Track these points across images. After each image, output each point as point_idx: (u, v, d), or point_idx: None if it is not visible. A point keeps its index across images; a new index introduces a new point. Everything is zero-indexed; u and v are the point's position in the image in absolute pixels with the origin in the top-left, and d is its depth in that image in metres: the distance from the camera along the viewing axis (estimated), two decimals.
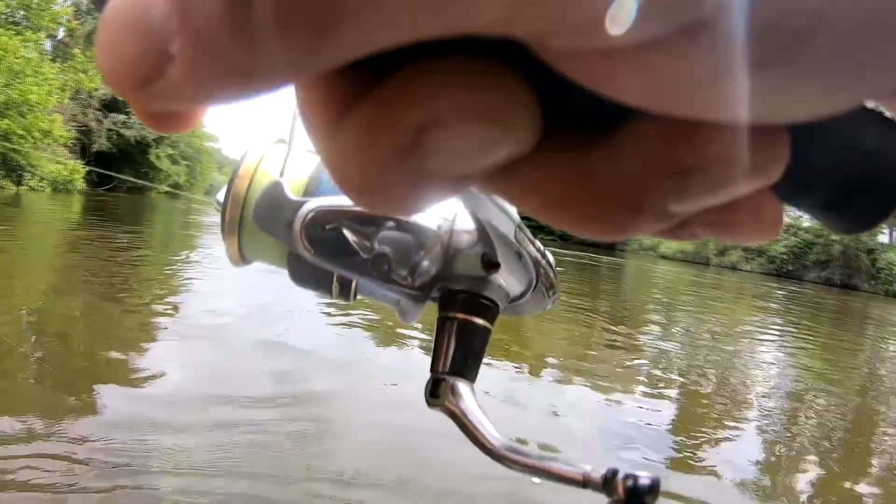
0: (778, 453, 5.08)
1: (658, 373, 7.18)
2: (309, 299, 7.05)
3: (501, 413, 4.79)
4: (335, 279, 0.61)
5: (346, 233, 0.54)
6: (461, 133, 0.16)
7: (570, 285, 16.30)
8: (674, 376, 7.14)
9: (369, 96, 0.16)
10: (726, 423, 5.66)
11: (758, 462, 4.78)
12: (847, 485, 4.57)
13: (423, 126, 0.15)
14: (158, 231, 18.97)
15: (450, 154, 0.17)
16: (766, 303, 20.46)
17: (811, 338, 13.11)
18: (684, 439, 4.93)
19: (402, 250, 0.55)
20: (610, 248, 56.47)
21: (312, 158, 0.61)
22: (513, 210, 0.53)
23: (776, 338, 12.30)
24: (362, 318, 7.01)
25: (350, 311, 7.03)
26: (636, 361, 7.75)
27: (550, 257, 0.60)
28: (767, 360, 9.61)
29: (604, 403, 5.54)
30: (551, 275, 0.60)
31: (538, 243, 0.58)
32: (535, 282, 0.59)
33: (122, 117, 43.50)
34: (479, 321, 0.57)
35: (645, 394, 6.09)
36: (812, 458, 5.02)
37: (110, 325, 5.99)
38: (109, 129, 42.68)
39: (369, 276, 0.55)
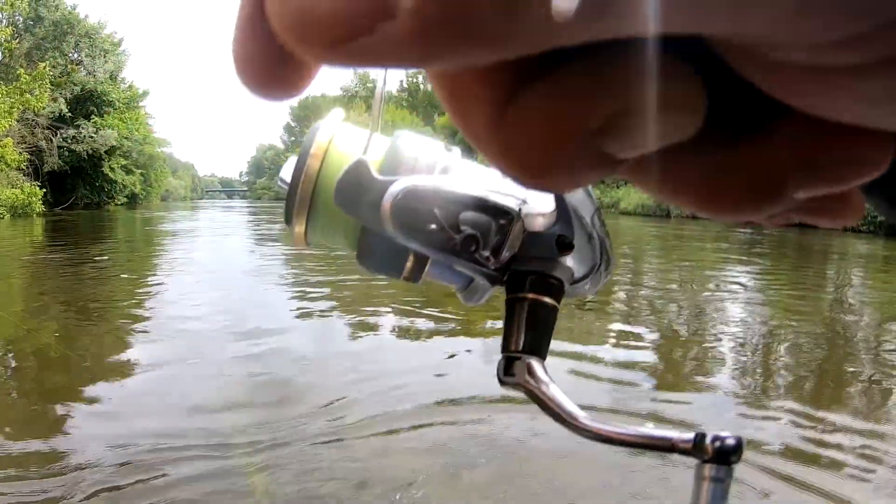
0: (755, 382, 5.47)
1: (630, 322, 7.57)
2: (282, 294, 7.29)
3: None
4: (410, 259, 0.59)
5: (437, 212, 0.53)
6: (647, 121, 0.16)
7: None
8: (646, 326, 7.54)
9: (546, 85, 0.17)
10: (704, 363, 6.05)
11: (735, 394, 5.16)
12: (826, 404, 4.97)
13: (615, 113, 0.16)
14: (122, 245, 18.89)
15: (631, 140, 0.18)
16: (729, 245, 21.02)
17: (777, 274, 13.66)
18: (664, 383, 5.31)
19: (485, 232, 0.55)
20: None
21: (382, 139, 0.60)
22: (593, 194, 0.58)
23: (743, 278, 12.78)
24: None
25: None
26: (610, 314, 8.14)
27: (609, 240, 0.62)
28: (738, 299, 10.06)
29: (580, 363, 5.76)
30: (611, 257, 0.62)
31: (604, 226, 0.61)
32: (598, 263, 0.61)
33: (71, 132, 43.02)
34: (549, 300, 0.59)
35: (620, 343, 6.48)
36: (789, 382, 5.42)
37: (86, 342, 6.14)
38: (60, 147, 42.20)
39: (455, 255, 0.55)
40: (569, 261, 0.59)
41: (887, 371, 5.96)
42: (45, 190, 35.15)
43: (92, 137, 44.25)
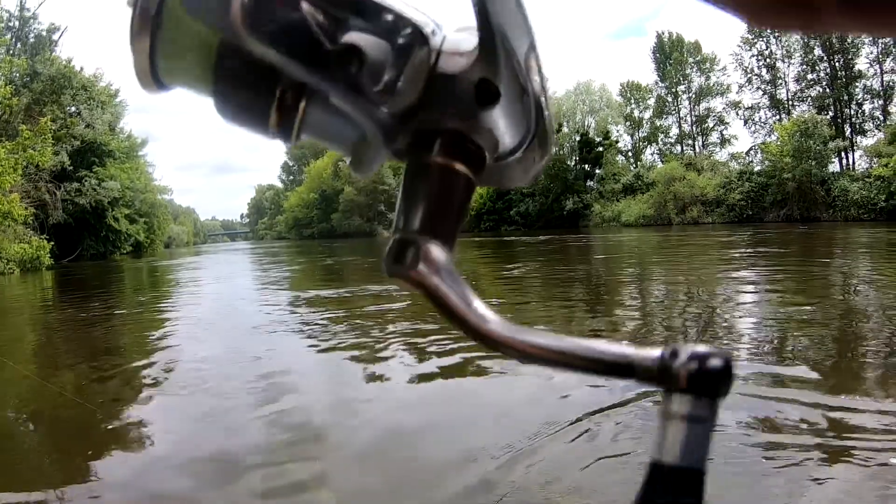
0: (772, 367, 5.64)
1: (646, 328, 7.76)
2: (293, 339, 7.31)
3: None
4: (277, 94, 0.45)
5: (311, 11, 0.42)
6: None
7: (552, 265, 16.87)
8: (660, 330, 7.72)
9: None
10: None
11: (754, 378, 5.33)
12: (844, 380, 5.15)
13: None
14: (129, 295, 18.95)
15: None
16: (734, 248, 21.11)
17: (784, 269, 13.81)
18: None
19: (377, 58, 0.44)
20: (574, 226, 57.32)
21: None
22: (531, 19, 0.44)
23: (751, 277, 12.94)
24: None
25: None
26: (626, 319, 8.33)
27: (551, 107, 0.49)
28: (748, 297, 10.22)
29: None
30: (549, 130, 0.49)
31: (545, 76, 0.47)
32: (532, 133, 0.49)
33: (74, 185, 43.35)
34: (462, 169, 0.47)
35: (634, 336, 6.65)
36: (804, 368, 5.59)
37: (101, 393, 6.01)
38: (64, 200, 42.50)
39: (329, 78, 0.43)
40: (494, 120, 0.47)
41: None
42: (52, 243, 35.35)
43: (95, 189, 44.59)
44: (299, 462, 4.00)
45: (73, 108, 45.36)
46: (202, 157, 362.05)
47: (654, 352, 0.40)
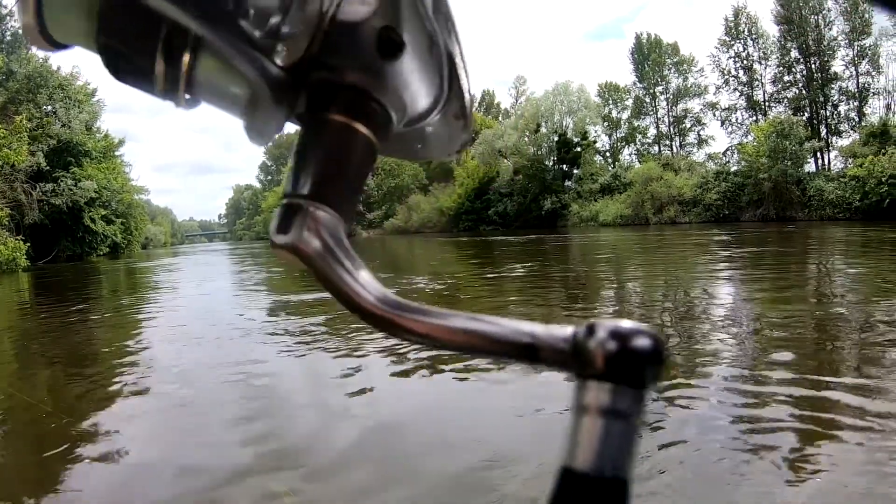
0: (753, 362, 5.72)
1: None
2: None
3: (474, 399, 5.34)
4: (160, 51, 0.40)
5: None
6: None
7: (533, 264, 16.93)
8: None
9: None
10: (699, 351, 6.32)
11: (734, 377, 5.41)
12: (820, 375, 5.23)
13: None
14: (107, 299, 18.79)
15: None
16: (711, 248, 21.31)
17: (760, 267, 13.96)
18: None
19: (263, 3, 0.40)
20: (552, 225, 57.54)
21: None
22: None
23: (728, 275, 13.08)
24: None
25: None
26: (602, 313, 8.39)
27: (467, 69, 0.44)
28: (724, 294, 10.34)
29: None
30: (466, 97, 0.45)
31: (458, 33, 0.43)
32: (444, 95, 0.45)
33: (49, 186, 42.91)
34: (362, 129, 0.43)
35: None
36: (785, 358, 5.67)
37: (76, 398, 5.96)
38: (39, 200, 42.07)
39: (209, 21, 0.38)
40: (399, 77, 0.43)
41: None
42: (28, 244, 35.01)
43: (71, 190, 44.17)
44: (280, 470, 3.97)
45: (50, 107, 44.94)
46: (180, 157, 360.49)
47: (566, 329, 0.35)
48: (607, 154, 71.60)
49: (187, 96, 0.42)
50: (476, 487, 3.52)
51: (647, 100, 69.11)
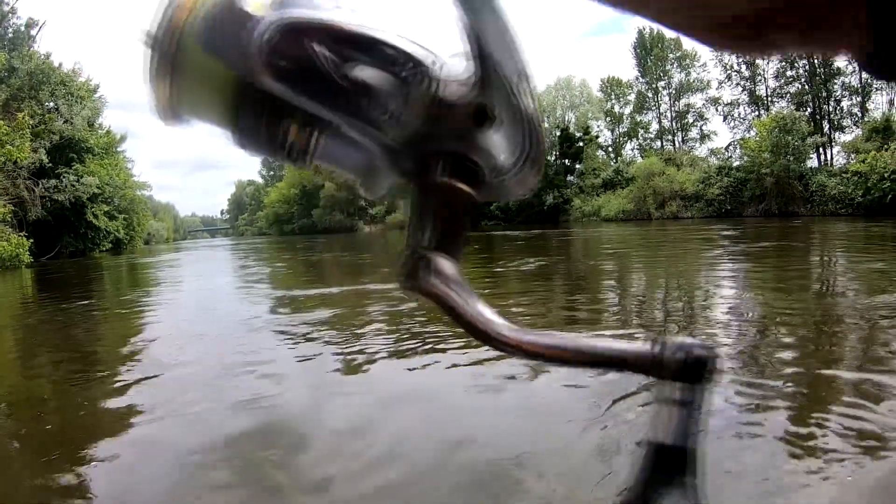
0: (756, 356, 5.73)
1: (630, 317, 7.85)
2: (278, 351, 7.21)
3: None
4: (293, 126, 0.48)
5: (320, 51, 0.44)
6: None
7: (535, 258, 16.90)
8: (641, 318, 7.80)
9: None
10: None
11: (739, 369, 5.41)
12: (824, 370, 5.24)
13: None
14: (111, 295, 18.74)
15: None
16: (713, 242, 21.27)
17: (763, 262, 13.95)
18: None
19: (382, 84, 0.46)
20: (554, 220, 57.53)
21: None
22: (522, 47, 0.47)
23: (731, 270, 13.07)
24: None
25: None
26: (604, 314, 8.41)
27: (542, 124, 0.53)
28: (727, 289, 10.34)
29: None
30: (541, 147, 0.53)
31: (536, 99, 0.51)
32: (526, 152, 0.52)
33: (52, 182, 42.94)
34: (464, 188, 0.51)
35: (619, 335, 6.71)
36: (788, 354, 5.68)
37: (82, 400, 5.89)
38: (42, 197, 42.09)
39: (342, 112, 0.47)
40: (491, 140, 0.50)
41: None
42: (31, 240, 35.02)
43: (74, 186, 44.19)
44: (285, 469, 3.96)
45: (52, 104, 44.94)
46: (181, 153, 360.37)
47: (647, 346, 0.44)
48: (609, 149, 71.64)
49: (314, 162, 0.51)
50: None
51: (650, 95, 69.13)
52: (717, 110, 64.44)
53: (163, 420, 5.06)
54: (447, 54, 0.48)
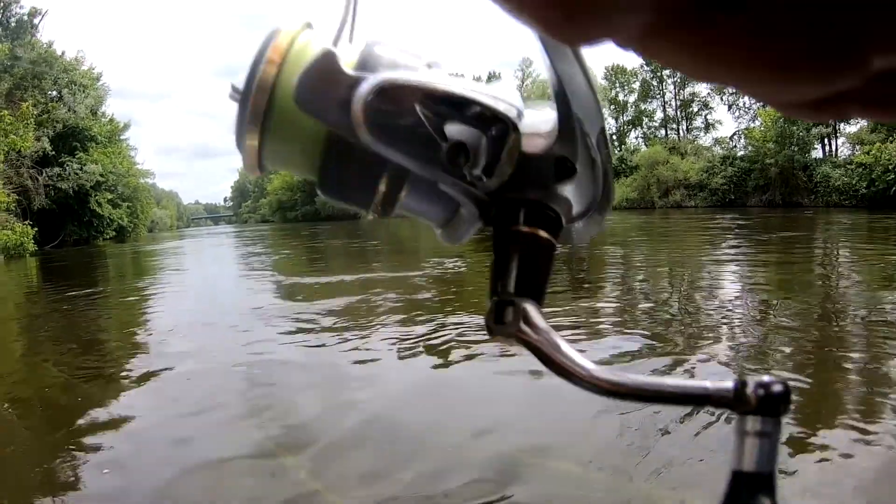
0: (756, 348, 5.77)
1: (630, 308, 7.88)
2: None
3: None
4: (384, 180, 0.50)
5: (420, 111, 0.46)
6: None
7: None
8: (644, 308, 7.84)
9: None
10: (703, 334, 6.37)
11: (738, 359, 5.45)
12: (825, 366, 5.28)
13: None
14: (115, 283, 18.67)
15: None
16: (717, 232, 21.31)
17: (766, 252, 13.98)
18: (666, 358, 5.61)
19: (476, 142, 0.48)
20: None
21: (354, 45, 0.52)
22: (601, 104, 0.49)
23: (734, 259, 13.10)
24: None
25: None
26: (609, 302, 8.44)
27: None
28: (730, 278, 10.38)
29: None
30: (612, 197, 0.55)
31: (612, 151, 0.53)
32: (598, 199, 0.54)
33: (56, 170, 42.98)
34: (545, 235, 0.52)
35: (620, 331, 6.77)
36: (788, 347, 5.72)
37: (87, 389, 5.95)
38: (46, 185, 42.16)
39: (439, 169, 0.48)
40: (568, 190, 0.52)
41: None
42: (35, 229, 35.13)
43: (77, 174, 44.23)
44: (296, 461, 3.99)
45: (55, 93, 44.96)
46: (184, 140, 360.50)
47: (728, 383, 0.46)
48: (614, 137, 71.40)
49: (398, 211, 0.53)
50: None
51: (655, 83, 68.88)
52: (721, 99, 64.28)
53: (166, 406, 5.16)
54: (518, 100, 0.49)
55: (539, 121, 0.50)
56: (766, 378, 0.47)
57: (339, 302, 9.42)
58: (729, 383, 0.47)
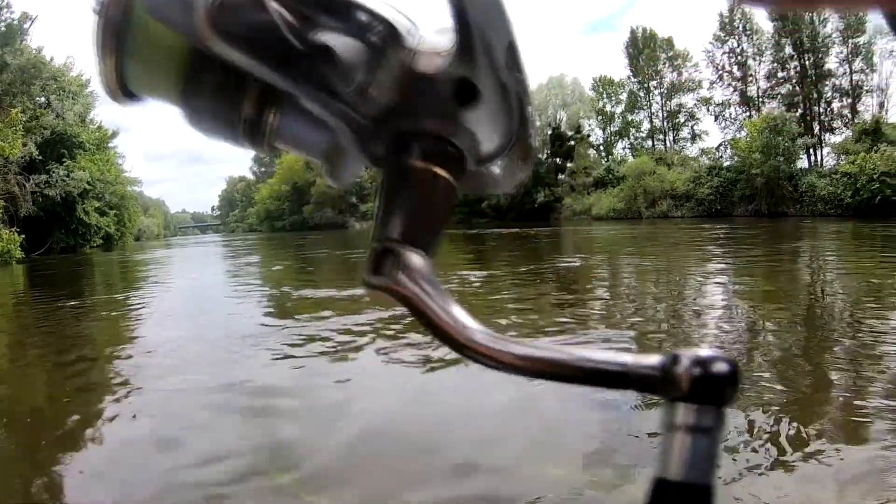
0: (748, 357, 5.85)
1: (618, 316, 7.96)
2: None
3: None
4: (248, 101, 0.44)
5: (274, 7, 0.39)
6: None
7: (517, 254, 16.96)
8: (633, 318, 7.92)
9: None
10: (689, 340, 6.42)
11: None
12: (814, 374, 5.37)
13: None
14: (102, 292, 18.60)
15: None
16: (703, 242, 21.43)
17: (752, 261, 14.09)
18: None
19: (349, 58, 0.41)
20: (545, 218, 57.67)
21: None
22: (510, 15, 0.40)
23: (721, 269, 13.21)
24: None
25: None
26: (594, 310, 8.52)
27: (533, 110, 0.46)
28: (717, 287, 10.47)
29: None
30: (532, 133, 0.47)
31: (527, 76, 0.44)
32: (514, 135, 0.46)
33: (43, 177, 42.76)
34: (442, 172, 0.45)
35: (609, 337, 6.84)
36: (778, 354, 5.80)
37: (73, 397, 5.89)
38: (33, 192, 41.93)
39: (300, 80, 0.41)
40: (474, 121, 0.45)
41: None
42: (22, 236, 34.95)
43: (64, 181, 44.01)
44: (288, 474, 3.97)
45: (43, 99, 44.76)
46: (171, 147, 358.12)
47: (654, 358, 0.38)
48: (601, 148, 71.72)
49: (274, 144, 0.46)
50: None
51: (642, 94, 69.18)
52: (708, 110, 64.56)
53: (152, 418, 5.06)
54: (432, 30, 0.43)
55: (438, 39, 0.42)
56: (705, 352, 0.37)
57: (327, 316, 9.31)
58: (655, 358, 0.38)
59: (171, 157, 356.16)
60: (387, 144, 0.45)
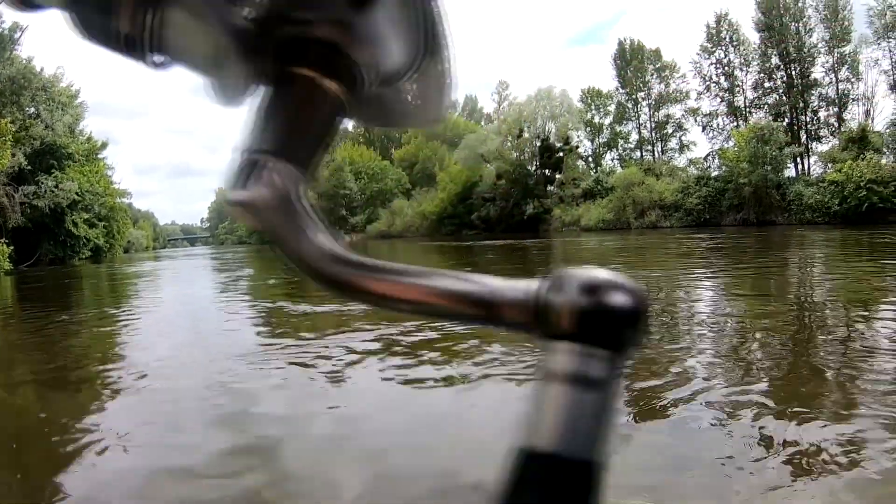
0: (735, 366, 5.91)
1: None
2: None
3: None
4: (125, 2, 0.38)
5: None
6: None
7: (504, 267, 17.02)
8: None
9: None
10: (679, 360, 6.49)
11: (718, 378, 5.59)
12: (804, 380, 5.42)
13: None
14: (92, 307, 18.50)
15: None
16: (692, 252, 21.55)
17: (742, 269, 14.20)
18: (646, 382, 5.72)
19: None
20: (534, 230, 57.78)
21: None
22: None
23: (710, 279, 13.30)
24: None
25: None
26: None
27: (448, 26, 0.39)
28: (706, 297, 10.55)
29: None
30: (446, 55, 0.40)
31: None
32: (421, 52, 0.40)
33: (32, 188, 42.60)
34: (330, 84, 0.39)
35: None
36: (769, 363, 5.86)
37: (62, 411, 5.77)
38: (21, 203, 41.77)
39: None
40: (371, 32, 0.40)
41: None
42: (11, 247, 34.79)
43: (53, 192, 43.86)
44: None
45: (32, 109, 44.64)
46: (161, 159, 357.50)
47: (530, 284, 0.30)
48: (589, 159, 71.99)
49: (155, 57, 0.41)
50: None
51: (630, 105, 69.52)
52: (695, 121, 64.87)
53: (143, 433, 4.93)
54: None
55: None
56: (598, 274, 0.29)
57: (319, 332, 9.24)
58: (531, 284, 0.30)
59: (160, 169, 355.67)
60: (272, 51, 0.40)
